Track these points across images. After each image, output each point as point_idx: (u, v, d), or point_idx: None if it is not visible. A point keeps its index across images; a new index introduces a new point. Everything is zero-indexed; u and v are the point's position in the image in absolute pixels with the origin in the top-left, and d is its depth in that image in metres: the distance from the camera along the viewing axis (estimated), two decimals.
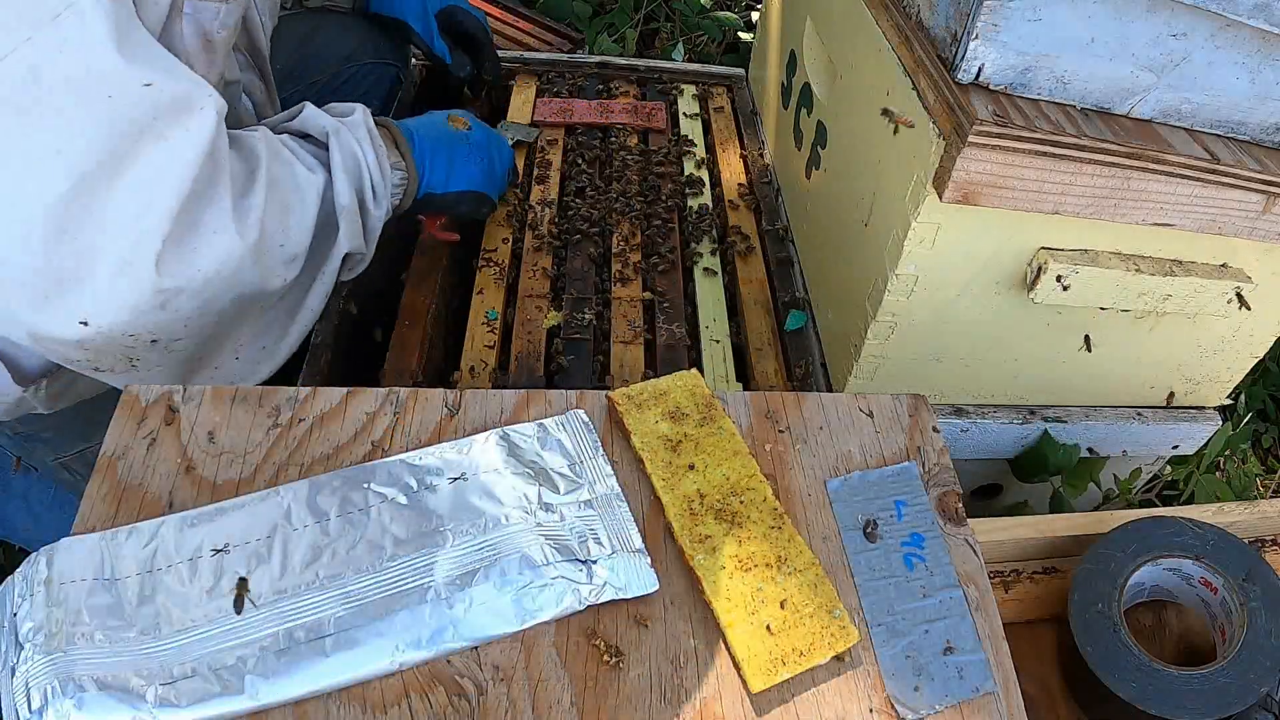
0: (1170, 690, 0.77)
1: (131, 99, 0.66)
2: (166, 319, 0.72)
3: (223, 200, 0.72)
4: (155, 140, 0.67)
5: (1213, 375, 1.12)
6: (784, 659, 0.60)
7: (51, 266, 0.66)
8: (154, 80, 0.67)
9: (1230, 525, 0.89)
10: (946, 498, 0.71)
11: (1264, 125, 0.87)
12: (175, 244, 0.70)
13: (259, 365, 0.87)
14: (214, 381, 0.83)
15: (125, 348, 0.72)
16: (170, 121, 0.68)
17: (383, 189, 0.91)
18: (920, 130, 0.87)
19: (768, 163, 1.44)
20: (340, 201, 0.86)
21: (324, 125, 0.88)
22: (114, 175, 0.66)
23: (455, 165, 1.03)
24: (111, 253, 0.67)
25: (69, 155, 0.64)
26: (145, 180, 0.67)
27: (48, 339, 0.70)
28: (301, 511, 0.64)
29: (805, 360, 1.12)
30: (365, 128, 0.90)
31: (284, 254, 0.80)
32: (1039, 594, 0.89)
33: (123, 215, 0.67)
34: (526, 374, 1.04)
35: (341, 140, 0.87)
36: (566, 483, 0.68)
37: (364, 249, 0.91)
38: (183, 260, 0.70)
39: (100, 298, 0.68)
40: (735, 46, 2.24)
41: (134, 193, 0.67)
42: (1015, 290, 0.95)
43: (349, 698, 0.57)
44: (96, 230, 0.66)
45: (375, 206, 0.90)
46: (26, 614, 0.58)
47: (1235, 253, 0.95)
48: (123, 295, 0.69)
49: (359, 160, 0.88)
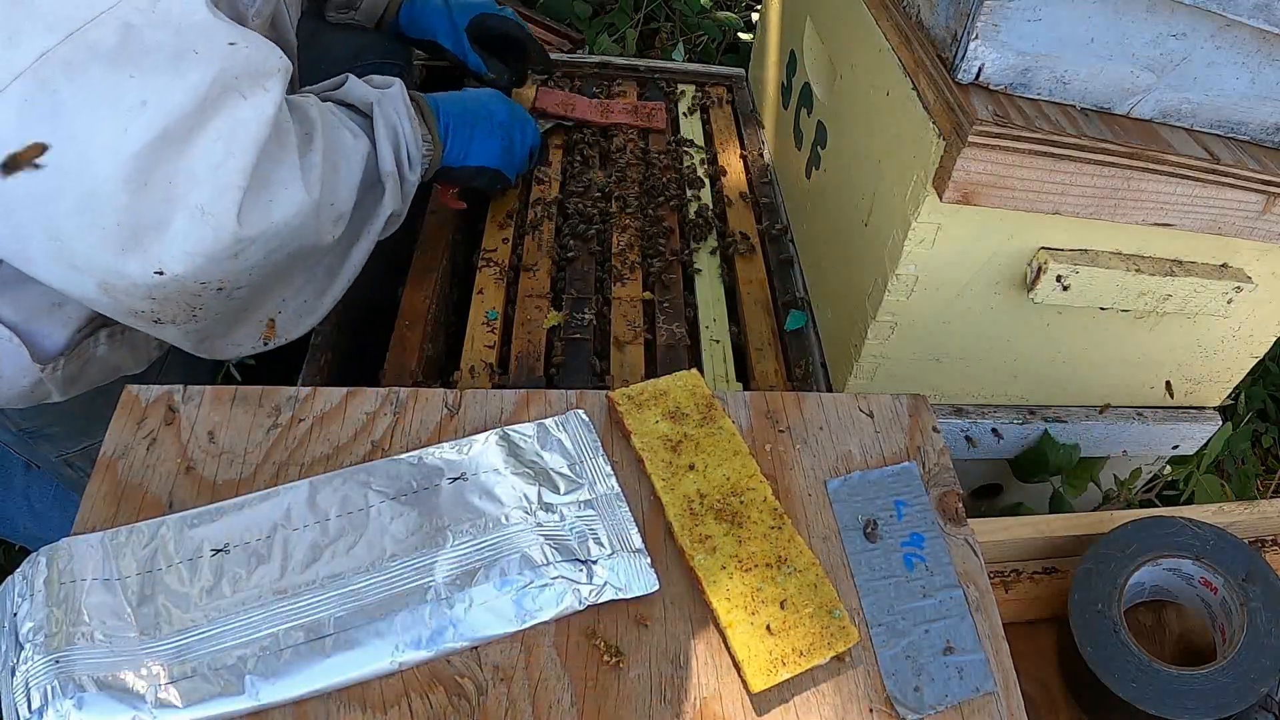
0: (1170, 690, 0.77)
1: (218, 56, 0.69)
2: (236, 267, 0.75)
3: (290, 157, 0.77)
4: (236, 97, 0.71)
5: (1213, 375, 1.12)
6: (784, 659, 0.60)
7: (132, 215, 0.68)
8: (237, 40, 0.71)
9: (1230, 525, 0.89)
10: (946, 498, 0.71)
11: (1264, 125, 0.87)
12: (253, 194, 0.73)
13: (301, 319, 0.91)
14: (259, 336, 0.88)
15: (193, 295, 0.74)
16: (249, 81, 0.71)
17: (417, 158, 0.97)
18: (920, 130, 0.87)
19: (768, 163, 1.44)
20: (384, 166, 0.92)
21: (367, 96, 0.94)
22: (196, 128, 0.69)
23: (475, 141, 1.08)
24: (192, 202, 0.70)
25: (154, 107, 0.67)
26: (225, 134, 0.70)
27: (122, 288, 0.72)
28: (301, 511, 0.64)
29: (805, 360, 1.12)
30: (403, 100, 0.96)
31: (333, 212, 0.85)
32: (1039, 594, 0.89)
33: (203, 167, 0.69)
34: (526, 374, 1.04)
35: (383, 110, 0.93)
36: (567, 483, 0.68)
37: (402, 209, 0.97)
38: (258, 211, 0.74)
39: (178, 246, 0.70)
40: (735, 46, 2.24)
41: (214, 146, 0.70)
42: (1015, 290, 0.95)
43: (349, 698, 0.57)
44: (178, 181, 0.69)
45: (410, 173, 0.97)
46: (27, 614, 0.58)
47: (1235, 253, 0.95)
48: (201, 243, 0.71)
49: (397, 130, 0.94)
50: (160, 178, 0.68)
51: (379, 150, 0.92)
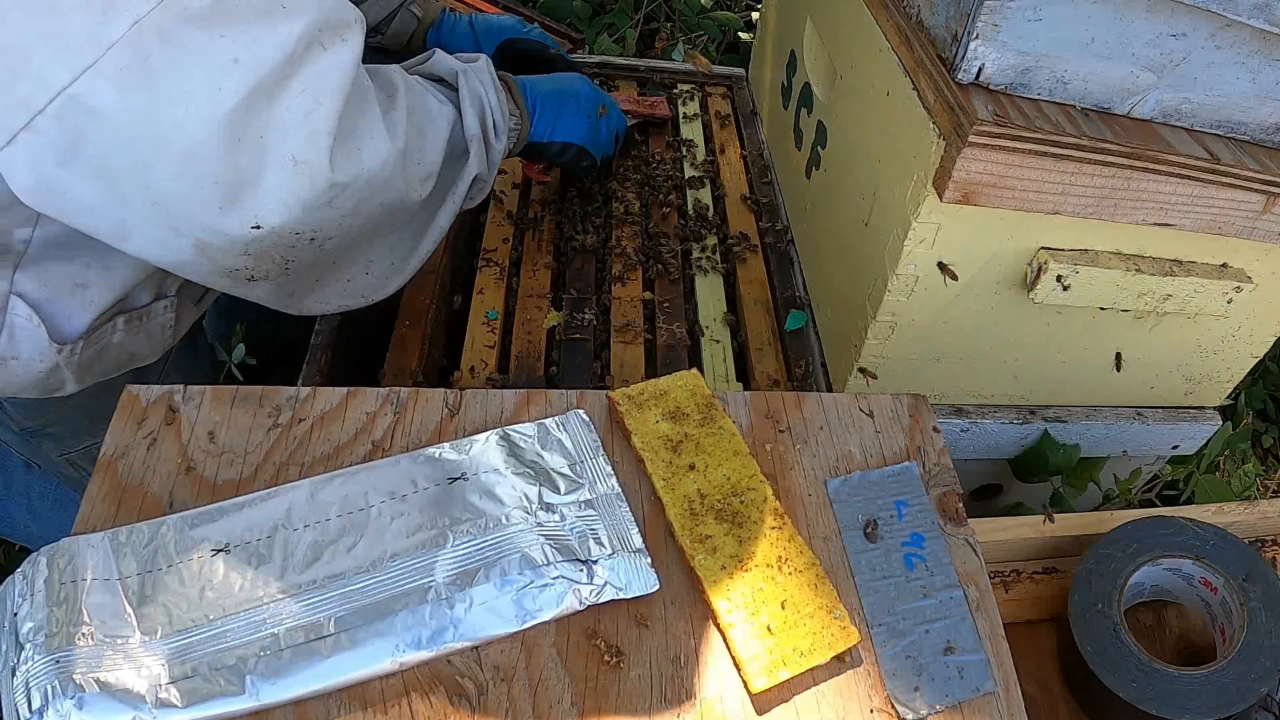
0: (1170, 690, 0.77)
1: (304, 8, 0.70)
2: (329, 216, 0.76)
3: (373, 109, 0.79)
4: (319, 49, 0.72)
5: (1213, 375, 1.12)
6: (784, 659, 0.60)
7: (230, 172, 0.69)
8: None
9: (1230, 525, 0.89)
10: (947, 498, 0.71)
11: (1264, 125, 0.87)
12: (343, 142, 0.74)
13: (389, 280, 0.92)
14: (345, 294, 0.89)
15: (287, 247, 0.75)
16: (331, 33, 0.73)
17: (503, 127, 1.00)
18: (920, 130, 0.87)
19: (768, 163, 1.44)
20: (470, 131, 0.94)
21: (453, 67, 0.97)
22: (285, 81, 0.69)
23: (562, 118, 1.11)
24: (284, 153, 0.71)
25: (246, 64, 0.67)
26: (311, 85, 0.71)
27: (219, 245, 0.72)
28: (302, 511, 0.64)
29: (805, 360, 1.12)
30: (488, 73, 0.99)
31: (421, 170, 0.87)
32: (1039, 594, 0.89)
33: (292, 117, 0.70)
34: (526, 374, 1.04)
35: (469, 80, 0.96)
36: (567, 483, 0.68)
37: (487, 175, 0.99)
38: (349, 157, 0.75)
39: (274, 196, 0.71)
40: (735, 46, 2.24)
41: (302, 96, 0.71)
42: (1015, 290, 0.95)
43: (349, 698, 0.57)
44: (269, 134, 0.70)
45: (496, 141, 0.99)
46: (27, 614, 0.58)
47: (1235, 253, 0.95)
48: (297, 191, 0.72)
49: (483, 100, 0.97)
50: (253, 132, 0.69)
51: (464, 117, 0.94)
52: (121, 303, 0.88)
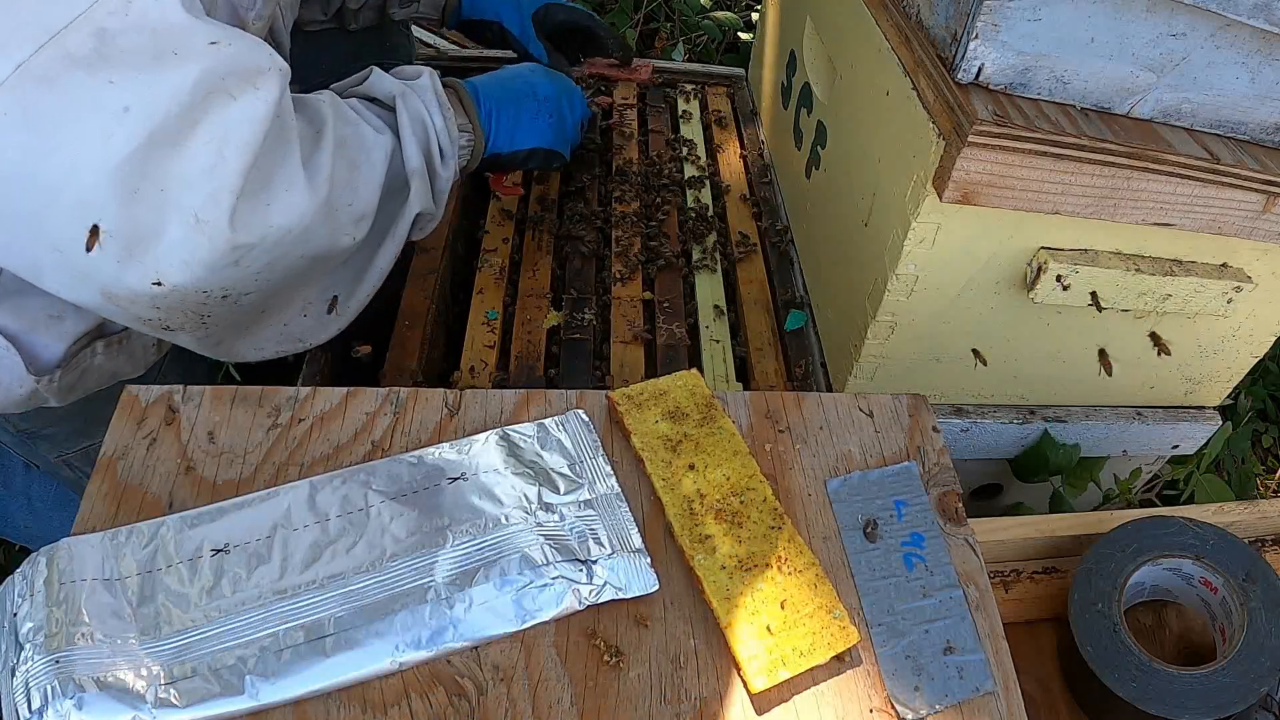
0: (1170, 690, 0.77)
1: (199, 55, 0.67)
2: (238, 275, 0.73)
3: (292, 157, 0.74)
4: (225, 98, 0.68)
5: (1213, 375, 1.12)
6: (784, 659, 0.60)
7: (126, 225, 0.67)
8: (219, 39, 0.68)
9: (1230, 525, 0.89)
10: (946, 498, 0.71)
11: (1264, 125, 0.87)
12: (249, 199, 0.70)
13: (328, 324, 0.89)
14: (282, 338, 0.86)
15: (198, 304, 0.73)
16: (239, 81, 0.69)
17: (450, 151, 0.93)
18: (920, 130, 0.87)
19: (768, 163, 1.44)
20: (410, 164, 0.88)
21: (391, 89, 0.89)
22: (184, 132, 0.67)
23: (522, 122, 1.03)
24: (185, 209, 0.68)
25: (137, 111, 0.65)
26: (216, 137, 0.68)
27: (125, 297, 0.70)
28: (301, 511, 0.64)
29: (805, 360, 1.12)
30: (432, 90, 0.91)
31: (352, 213, 0.81)
32: (1039, 594, 0.89)
33: (194, 171, 0.68)
34: (526, 374, 1.04)
35: (408, 104, 0.89)
36: (566, 483, 0.68)
37: (434, 210, 0.93)
38: (256, 215, 0.71)
39: (175, 254, 0.69)
40: (735, 46, 2.24)
41: (205, 149, 0.68)
42: (1015, 290, 0.95)
43: (349, 698, 0.57)
44: (169, 187, 0.67)
45: (443, 168, 0.92)
46: (26, 614, 0.58)
47: (1235, 253, 0.95)
48: (198, 252, 0.69)
49: (426, 124, 0.90)
50: (152, 184, 0.66)
51: (404, 148, 0.88)
52: (100, 328, 0.87)
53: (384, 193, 0.85)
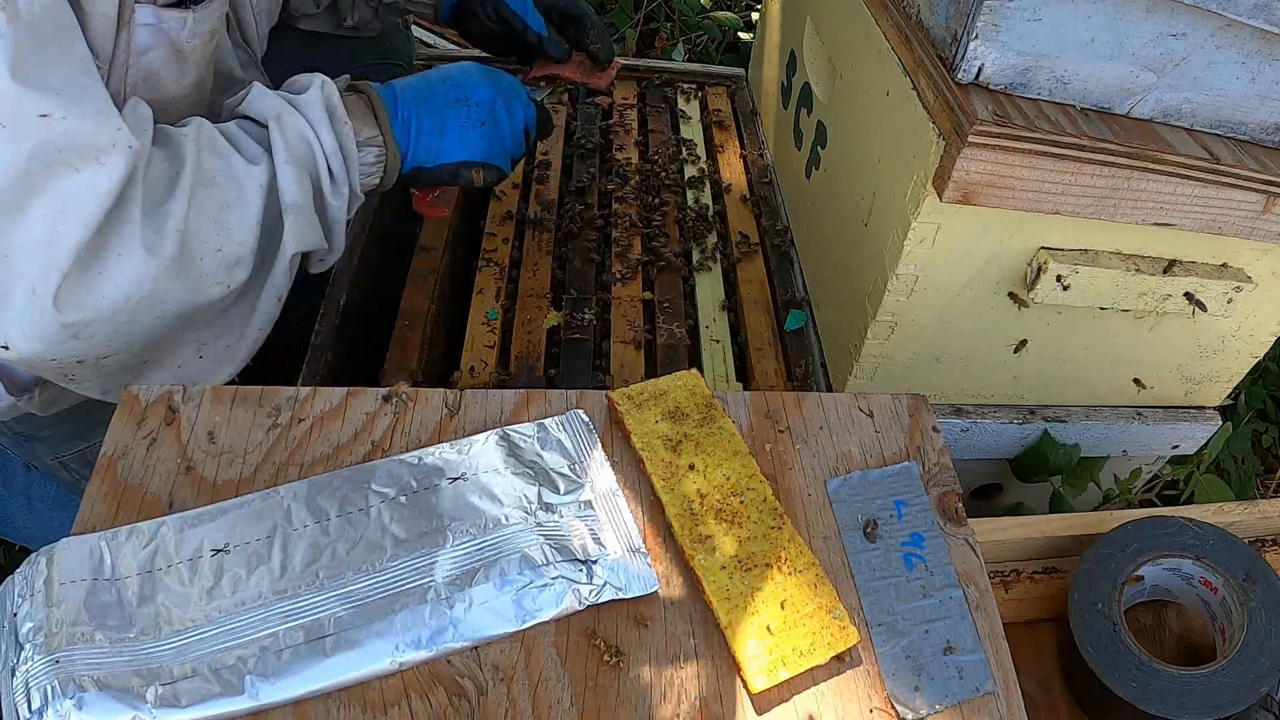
0: (1170, 690, 0.77)
1: (27, 129, 0.63)
2: (82, 346, 0.70)
3: (133, 222, 0.69)
4: (68, 170, 0.65)
5: (1213, 375, 1.12)
6: (784, 659, 0.60)
7: None
8: (52, 112, 0.64)
9: (1230, 525, 0.89)
10: (946, 498, 0.71)
11: (1264, 125, 0.87)
12: (77, 277, 0.67)
13: (221, 367, 0.83)
14: (177, 380, 0.80)
15: (54, 369, 0.71)
16: (81, 156, 0.66)
17: (344, 174, 0.82)
18: (920, 130, 0.87)
19: (768, 163, 1.44)
20: (286, 198, 0.78)
21: (265, 110, 0.79)
22: (23, 202, 0.65)
23: (448, 133, 0.90)
24: (28, 277, 0.66)
25: None
26: (54, 209, 0.65)
27: None
28: (301, 511, 0.64)
29: (805, 360, 1.12)
30: (322, 104, 0.80)
31: (222, 259, 0.75)
32: (1039, 594, 0.89)
33: (32, 242, 0.65)
34: (526, 374, 1.04)
35: (286, 126, 0.78)
36: (566, 483, 0.68)
37: (323, 244, 0.83)
38: (87, 292, 0.68)
39: (16, 325, 0.67)
40: (735, 46, 2.24)
41: (41, 221, 0.65)
42: (1015, 290, 0.95)
43: (349, 698, 0.57)
44: (15, 254, 0.65)
45: (334, 196, 0.82)
46: (26, 614, 0.58)
47: (1235, 253, 0.95)
48: (33, 325, 0.67)
49: (310, 145, 0.79)
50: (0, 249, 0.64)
51: (280, 177, 0.77)
52: None
53: (264, 229, 0.78)
